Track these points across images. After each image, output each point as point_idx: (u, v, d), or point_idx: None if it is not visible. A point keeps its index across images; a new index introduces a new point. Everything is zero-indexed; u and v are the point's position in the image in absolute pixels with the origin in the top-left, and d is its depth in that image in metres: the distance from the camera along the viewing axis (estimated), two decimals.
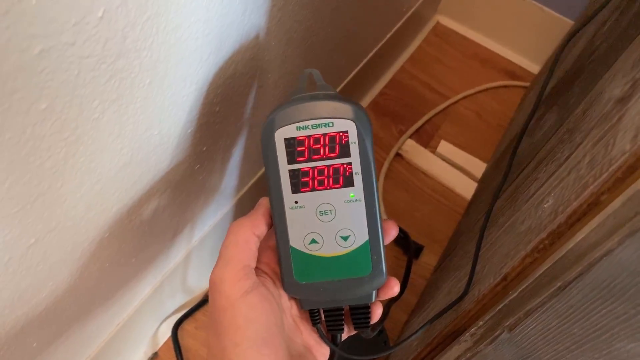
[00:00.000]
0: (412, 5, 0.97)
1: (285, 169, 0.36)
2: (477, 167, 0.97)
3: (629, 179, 0.28)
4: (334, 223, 0.37)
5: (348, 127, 0.35)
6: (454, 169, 0.97)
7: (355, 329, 0.41)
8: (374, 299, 0.39)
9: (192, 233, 0.61)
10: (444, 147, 0.99)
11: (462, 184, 0.95)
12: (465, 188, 0.95)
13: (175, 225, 0.55)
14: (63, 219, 0.36)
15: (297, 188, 0.36)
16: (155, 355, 0.70)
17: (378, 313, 0.41)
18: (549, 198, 0.38)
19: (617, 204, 0.29)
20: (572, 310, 0.33)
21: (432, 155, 0.98)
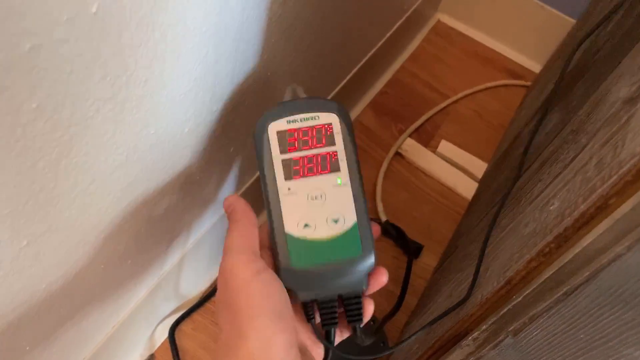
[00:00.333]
0: (412, 3, 0.97)
1: (278, 159, 0.40)
2: (477, 166, 0.96)
3: (639, 183, 0.27)
4: (325, 207, 0.40)
5: (332, 119, 0.41)
6: (455, 169, 0.96)
7: (349, 323, 0.42)
8: (366, 286, 0.41)
9: (188, 234, 0.60)
10: (444, 146, 0.98)
11: (462, 184, 0.94)
12: (466, 188, 0.94)
13: (172, 227, 0.54)
14: (56, 221, 0.35)
15: (289, 175, 0.40)
16: (152, 357, 0.69)
17: (370, 310, 0.42)
18: (555, 200, 0.37)
19: (626, 208, 0.28)
20: (578, 316, 0.32)
21: (432, 155, 0.97)
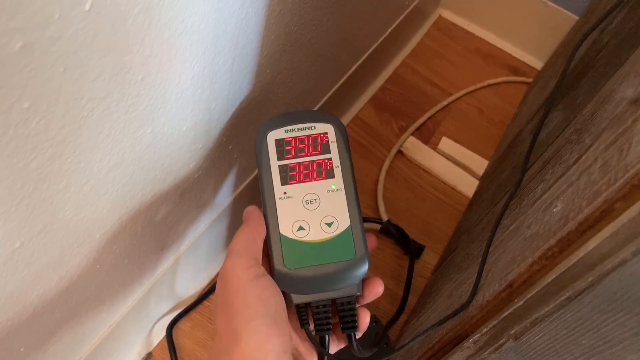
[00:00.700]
0: None
1: (276, 165, 0.42)
2: (479, 164, 0.95)
3: None
4: (319, 211, 0.41)
5: (327, 129, 0.43)
6: (456, 166, 0.96)
7: (344, 331, 0.42)
8: (359, 291, 0.42)
9: (186, 233, 0.59)
10: (446, 143, 0.97)
11: (463, 182, 0.94)
12: (467, 185, 0.93)
13: (170, 225, 0.53)
14: (50, 222, 0.34)
15: (285, 180, 0.42)
16: (149, 356, 0.68)
17: (365, 321, 0.42)
18: (558, 202, 0.37)
19: (632, 213, 0.27)
20: (581, 321, 0.32)
21: (433, 152, 0.97)
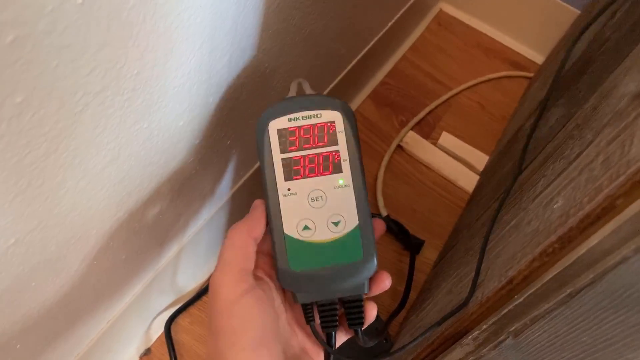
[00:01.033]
0: None
1: (279, 158, 0.39)
2: (479, 159, 0.95)
3: None
4: (325, 209, 0.39)
5: (335, 117, 0.39)
6: (456, 162, 0.95)
7: (350, 327, 0.41)
8: (367, 290, 0.40)
9: (185, 228, 0.59)
10: (446, 138, 0.97)
11: (463, 177, 0.93)
12: (467, 181, 0.93)
13: (167, 221, 0.53)
14: (45, 218, 0.34)
15: (289, 176, 0.39)
16: (148, 351, 0.68)
17: (372, 313, 0.41)
18: (559, 198, 0.36)
19: (634, 210, 0.27)
20: (582, 319, 0.32)
21: (433, 147, 0.96)
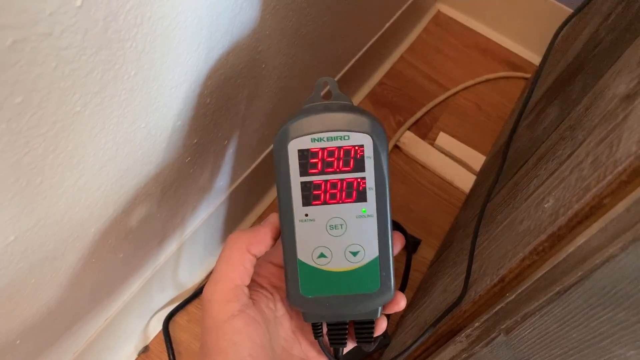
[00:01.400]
0: None
1: (297, 181, 0.35)
2: (476, 159, 0.95)
3: (634, 183, 0.27)
4: (344, 238, 0.36)
5: (364, 140, 0.34)
6: (453, 162, 0.96)
7: (358, 343, 0.40)
8: (379, 315, 0.38)
9: (183, 227, 0.59)
10: (443, 139, 0.97)
11: (460, 177, 0.94)
12: (464, 181, 0.93)
13: (165, 220, 0.53)
14: (44, 216, 0.35)
15: (308, 201, 0.35)
16: (146, 349, 0.69)
17: (382, 326, 0.40)
18: (550, 198, 0.37)
19: (620, 208, 0.28)
20: (571, 316, 0.32)
21: (430, 148, 0.97)
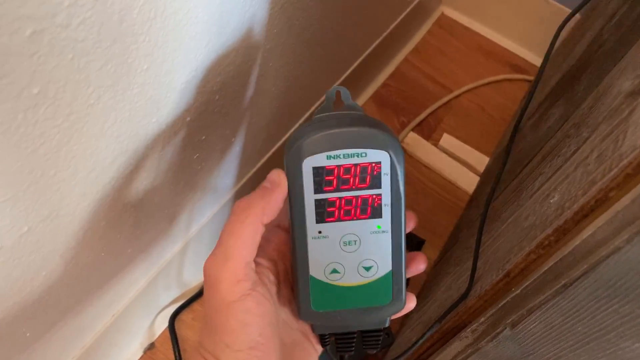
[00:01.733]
0: None
1: (311, 198, 0.34)
2: (479, 160, 0.96)
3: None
4: (358, 253, 0.35)
5: (382, 157, 0.33)
6: (457, 163, 0.96)
7: (364, 348, 0.40)
8: (388, 324, 0.38)
9: (189, 224, 0.60)
10: (447, 140, 0.98)
11: (464, 178, 0.94)
12: (468, 182, 0.94)
13: (173, 216, 0.54)
14: (57, 208, 0.35)
15: (322, 218, 0.34)
16: (152, 346, 0.69)
17: (410, 306, 0.38)
18: (555, 193, 0.37)
19: (626, 201, 0.28)
20: (576, 309, 0.32)
21: (434, 149, 0.97)
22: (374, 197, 0.34)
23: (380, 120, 0.35)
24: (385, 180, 0.34)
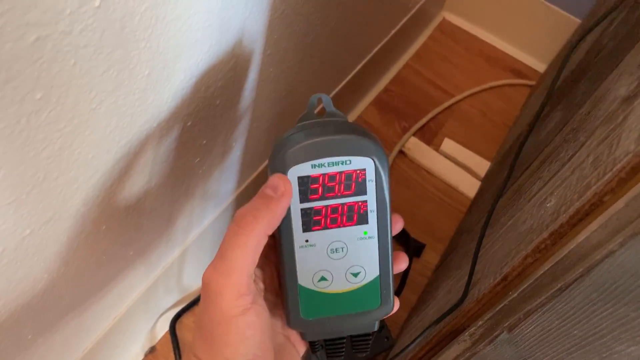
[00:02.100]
0: (418, 1, 0.97)
1: (297, 208, 0.34)
2: (480, 165, 0.96)
3: (633, 180, 0.28)
4: (345, 260, 0.35)
5: (366, 165, 0.34)
6: (458, 167, 0.97)
7: (355, 352, 0.40)
8: (376, 328, 0.38)
9: (190, 228, 0.60)
10: (448, 145, 0.98)
11: (465, 183, 0.95)
12: (469, 186, 0.94)
13: (174, 220, 0.54)
14: (59, 210, 0.36)
15: (308, 227, 0.34)
16: (153, 349, 0.70)
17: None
18: (552, 198, 0.38)
19: (620, 205, 0.28)
20: (572, 312, 0.33)
21: (435, 153, 0.97)
22: (360, 203, 0.34)
23: (363, 127, 0.35)
24: (371, 187, 0.34)
